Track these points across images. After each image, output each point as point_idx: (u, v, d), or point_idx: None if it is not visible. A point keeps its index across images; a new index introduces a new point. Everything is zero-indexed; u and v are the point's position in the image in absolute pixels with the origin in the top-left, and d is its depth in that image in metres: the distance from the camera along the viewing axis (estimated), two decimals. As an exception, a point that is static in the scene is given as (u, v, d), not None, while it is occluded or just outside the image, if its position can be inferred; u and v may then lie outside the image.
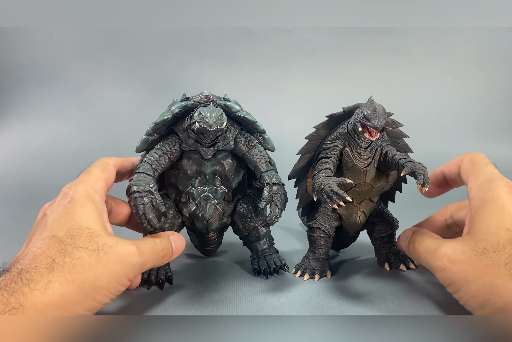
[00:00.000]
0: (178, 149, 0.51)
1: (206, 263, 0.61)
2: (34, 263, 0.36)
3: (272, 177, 0.50)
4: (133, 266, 0.41)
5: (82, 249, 0.38)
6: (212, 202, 0.52)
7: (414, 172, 0.46)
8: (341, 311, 0.46)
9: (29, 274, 0.35)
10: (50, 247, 0.38)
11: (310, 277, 0.54)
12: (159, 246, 0.45)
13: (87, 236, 0.39)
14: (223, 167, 0.51)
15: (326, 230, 0.55)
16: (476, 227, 0.41)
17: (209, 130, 0.45)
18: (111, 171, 0.49)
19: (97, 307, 0.39)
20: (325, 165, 0.50)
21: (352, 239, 0.62)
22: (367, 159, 0.50)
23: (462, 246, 0.40)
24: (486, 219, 0.40)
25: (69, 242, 0.38)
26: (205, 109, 0.46)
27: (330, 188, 0.45)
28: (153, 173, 0.49)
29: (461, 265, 0.39)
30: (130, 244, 0.41)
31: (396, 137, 0.53)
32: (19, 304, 0.33)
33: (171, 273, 0.54)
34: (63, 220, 0.40)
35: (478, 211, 0.41)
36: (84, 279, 0.37)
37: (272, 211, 0.48)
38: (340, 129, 0.51)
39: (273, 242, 0.57)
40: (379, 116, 0.45)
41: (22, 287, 0.34)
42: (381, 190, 0.54)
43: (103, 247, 0.39)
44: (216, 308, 0.47)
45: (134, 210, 0.47)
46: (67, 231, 0.39)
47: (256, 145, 0.51)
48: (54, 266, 0.36)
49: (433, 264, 0.42)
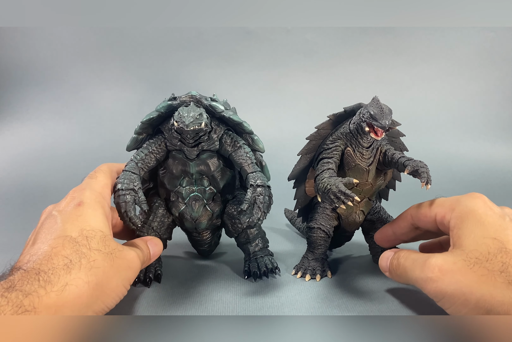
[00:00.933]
0: (164, 149, 0.51)
1: (206, 263, 0.61)
2: (51, 264, 0.36)
3: (257, 178, 0.49)
4: (136, 271, 0.42)
5: (97, 251, 0.38)
6: (201, 202, 0.53)
7: (417, 170, 0.46)
8: (341, 311, 0.46)
9: (47, 275, 0.35)
10: (65, 246, 0.37)
11: (312, 278, 0.54)
12: (143, 252, 0.46)
13: (100, 238, 0.40)
14: (208, 167, 0.51)
15: (327, 230, 0.55)
16: (462, 240, 0.40)
17: (186, 130, 0.45)
18: (114, 178, 0.49)
19: (104, 310, 0.39)
20: (327, 165, 0.50)
21: (348, 238, 0.62)
22: (369, 159, 0.50)
23: (452, 257, 0.39)
24: (471, 231, 0.40)
25: (84, 243, 0.38)
26: (184, 109, 0.46)
27: (338, 188, 0.45)
28: (139, 171, 0.49)
29: (454, 276, 0.37)
30: (130, 249, 0.42)
31: (393, 136, 0.54)
32: (32, 307, 0.32)
33: (160, 271, 0.54)
34: (76, 221, 0.40)
35: (460, 227, 0.41)
36: (98, 282, 0.37)
37: (254, 213, 0.47)
38: (342, 129, 0.51)
39: (268, 244, 0.57)
40: (386, 116, 0.45)
41: (38, 289, 0.33)
42: (378, 188, 0.55)
43: (114, 251, 0.40)
44: (216, 308, 0.47)
45: (117, 207, 0.47)
46: (80, 231, 0.39)
47: (243, 146, 0.51)
48: (71, 267, 0.36)
49: (424, 276, 0.39)
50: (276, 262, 0.55)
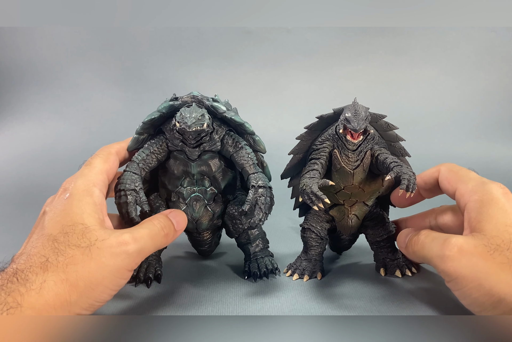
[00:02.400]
0: (165, 149, 0.51)
1: (206, 263, 0.61)
2: (29, 263, 0.36)
3: (258, 179, 0.49)
4: (129, 255, 0.39)
5: (75, 246, 0.38)
6: (202, 203, 0.52)
7: (399, 176, 0.45)
8: (341, 312, 0.46)
9: (24, 274, 0.35)
10: (45, 246, 0.38)
11: (300, 277, 0.54)
12: (158, 226, 0.43)
13: (80, 232, 0.39)
14: (210, 168, 0.51)
15: (317, 231, 0.55)
16: (483, 225, 0.40)
17: (188, 131, 0.45)
18: (113, 161, 0.48)
19: (94, 306, 0.38)
20: (313, 166, 0.50)
21: (350, 242, 0.61)
22: (355, 162, 0.50)
23: (473, 240, 0.38)
24: (492, 217, 0.40)
25: (62, 240, 0.38)
26: (187, 110, 0.46)
27: (310, 189, 0.45)
28: (140, 171, 0.49)
29: (472, 259, 0.37)
30: (123, 233, 0.40)
31: (391, 141, 0.53)
32: (16, 304, 0.33)
33: (160, 272, 0.54)
34: (59, 217, 0.40)
35: (480, 211, 0.41)
36: (78, 277, 0.36)
37: (256, 214, 0.47)
38: (330, 131, 0.51)
39: (268, 245, 0.57)
40: (359, 119, 0.45)
41: (19, 287, 0.34)
42: (375, 193, 0.53)
43: (95, 242, 0.38)
44: (216, 308, 0.47)
45: (118, 208, 0.47)
46: (61, 228, 0.39)
47: (244, 147, 0.51)
48: (48, 265, 0.36)
49: (441, 253, 0.39)
50: (276, 262, 0.55)
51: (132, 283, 0.53)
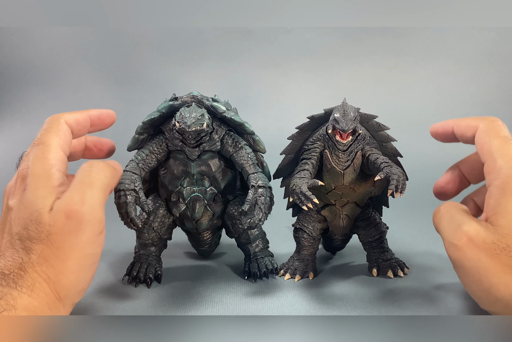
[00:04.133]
0: (165, 149, 0.51)
1: (206, 264, 0.61)
2: (9, 266, 0.36)
3: (258, 179, 0.49)
4: (87, 223, 0.37)
5: (37, 240, 0.36)
6: (202, 203, 0.53)
7: (388, 177, 0.45)
8: (341, 312, 0.46)
9: (10, 278, 0.35)
10: (14, 245, 0.37)
11: (291, 277, 0.54)
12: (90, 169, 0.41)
13: (35, 221, 0.37)
14: (209, 168, 0.51)
15: (309, 231, 0.55)
16: (498, 218, 0.37)
17: (188, 131, 0.45)
18: (65, 134, 0.44)
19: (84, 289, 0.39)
20: (304, 166, 0.50)
21: (343, 242, 0.61)
22: (346, 162, 0.50)
23: (485, 234, 0.37)
24: (509, 212, 0.37)
25: (26, 237, 0.37)
26: (186, 110, 0.46)
27: (300, 189, 0.45)
28: (140, 171, 0.49)
29: (477, 254, 0.36)
30: (69, 199, 0.38)
31: (383, 141, 0.53)
32: (11, 306, 0.32)
33: (160, 272, 0.54)
34: (21, 212, 0.38)
35: (499, 201, 0.38)
36: (57, 272, 0.36)
37: (255, 214, 0.47)
38: (321, 131, 0.51)
39: (268, 245, 0.57)
40: (348, 120, 0.45)
41: (11, 291, 0.34)
42: (367, 194, 0.53)
43: (49, 228, 0.36)
44: (216, 308, 0.47)
45: (118, 208, 0.47)
46: (23, 223, 0.37)
47: (244, 146, 0.51)
48: (25, 266, 0.36)
49: (450, 240, 0.38)
50: (276, 263, 0.55)
51: (132, 283, 0.53)
